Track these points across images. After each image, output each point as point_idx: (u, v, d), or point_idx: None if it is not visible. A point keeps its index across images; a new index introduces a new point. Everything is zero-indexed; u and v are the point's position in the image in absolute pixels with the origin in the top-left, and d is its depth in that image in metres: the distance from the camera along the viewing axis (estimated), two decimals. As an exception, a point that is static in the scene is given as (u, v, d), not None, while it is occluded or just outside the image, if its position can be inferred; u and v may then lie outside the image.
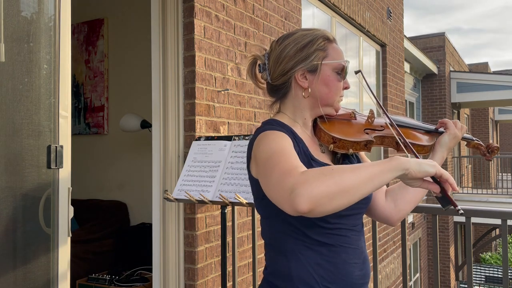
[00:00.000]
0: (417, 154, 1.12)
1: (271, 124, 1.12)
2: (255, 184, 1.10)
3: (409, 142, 1.22)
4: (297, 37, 1.14)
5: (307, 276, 1.05)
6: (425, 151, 1.26)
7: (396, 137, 1.19)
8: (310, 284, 1.04)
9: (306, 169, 0.92)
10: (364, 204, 1.15)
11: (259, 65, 1.21)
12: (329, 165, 1.13)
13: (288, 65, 1.13)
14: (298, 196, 0.84)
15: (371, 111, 1.24)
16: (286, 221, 1.06)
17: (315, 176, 0.86)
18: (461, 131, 1.28)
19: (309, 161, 1.09)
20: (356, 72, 1.25)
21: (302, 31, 1.17)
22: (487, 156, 1.37)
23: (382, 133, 1.22)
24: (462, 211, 1.00)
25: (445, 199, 0.97)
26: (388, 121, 1.20)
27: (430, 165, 0.93)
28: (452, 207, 0.98)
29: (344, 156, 1.19)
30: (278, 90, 1.18)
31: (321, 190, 0.84)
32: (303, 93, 1.14)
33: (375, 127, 1.23)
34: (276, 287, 1.09)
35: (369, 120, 1.24)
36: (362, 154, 1.30)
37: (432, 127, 1.33)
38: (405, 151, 1.17)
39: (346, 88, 1.19)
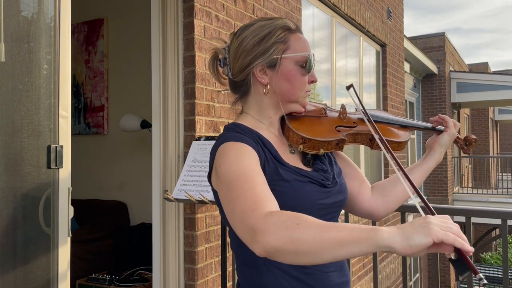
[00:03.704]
0: (393, 152, 1.06)
1: (234, 131, 1.03)
2: (217, 196, 1.01)
3: (385, 139, 1.14)
4: (255, 29, 1.05)
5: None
6: (401, 148, 1.20)
7: (374, 135, 1.11)
8: None
9: (271, 203, 0.85)
10: (338, 208, 1.08)
11: (219, 59, 1.12)
12: (299, 168, 1.04)
13: (245, 60, 1.04)
14: (256, 243, 0.79)
15: (343, 106, 1.17)
16: None
17: (275, 226, 0.77)
18: (456, 128, 1.23)
19: (276, 167, 1.00)
20: (348, 88, 1.18)
21: (261, 21, 1.07)
22: (465, 149, 1.29)
23: (354, 130, 1.15)
24: (485, 281, 0.70)
25: (461, 263, 0.70)
26: (362, 116, 1.14)
27: (424, 233, 0.70)
28: (472, 273, 0.70)
29: (314, 156, 1.10)
30: (239, 87, 1.09)
31: (277, 244, 0.76)
32: (264, 90, 1.05)
33: (347, 123, 1.16)
34: None
35: (341, 116, 1.16)
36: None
37: (428, 125, 1.27)
38: (381, 148, 1.10)
39: (313, 82, 1.09)
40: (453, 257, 0.72)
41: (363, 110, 1.14)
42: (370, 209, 1.20)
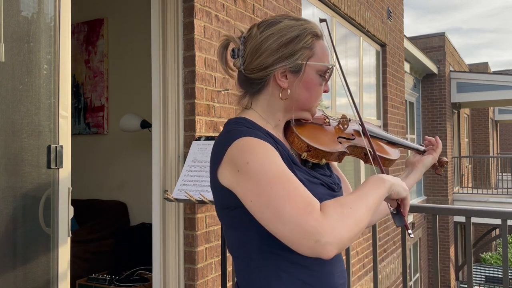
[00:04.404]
0: (383, 168, 1.08)
1: (244, 125, 0.98)
2: (225, 194, 0.95)
3: (378, 155, 1.13)
4: (283, 28, 0.99)
5: None
6: (390, 165, 1.21)
7: (367, 148, 1.12)
8: None
9: (316, 200, 0.85)
10: None
11: (232, 49, 1.04)
12: (310, 169, 1.04)
13: (268, 60, 0.98)
14: (327, 245, 0.81)
15: (344, 116, 1.15)
16: (267, 235, 0.91)
17: (338, 219, 0.82)
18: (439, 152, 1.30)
19: (291, 166, 0.96)
20: (322, 21, 1.12)
21: (288, 20, 1.01)
22: (438, 170, 1.35)
23: (353, 142, 1.14)
24: (412, 235, 1.03)
25: (400, 217, 1.00)
26: (361, 129, 1.12)
27: (405, 189, 0.98)
28: (404, 227, 1.02)
29: (314, 164, 1.08)
30: (253, 84, 1.03)
31: (347, 235, 0.82)
32: (280, 94, 1.00)
33: (347, 135, 1.14)
34: None
35: (342, 126, 1.14)
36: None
37: (421, 148, 1.31)
38: (372, 163, 1.10)
39: (326, 91, 1.06)
40: (393, 212, 1.01)
41: (361, 121, 1.12)
42: None
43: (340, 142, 1.10)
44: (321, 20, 1.12)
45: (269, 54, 0.98)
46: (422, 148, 1.29)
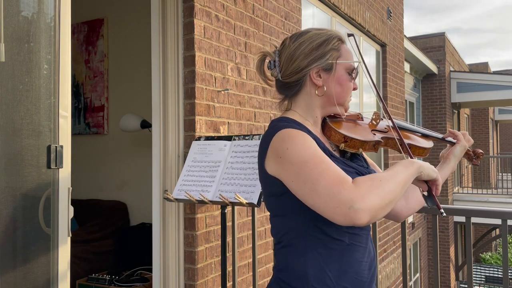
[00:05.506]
0: (416, 157, 1.19)
1: (288, 122, 1.12)
2: (272, 181, 1.09)
3: (410, 144, 1.27)
4: (312, 36, 1.16)
5: (323, 275, 1.05)
6: (425, 154, 1.32)
7: (401, 139, 1.22)
8: (326, 283, 1.04)
9: (349, 177, 0.96)
10: None
11: (269, 62, 1.21)
12: (346, 159, 1.16)
13: (303, 62, 1.14)
14: (360, 211, 0.91)
15: (376, 113, 1.28)
16: (306, 219, 1.06)
17: (369, 189, 0.93)
18: (469, 143, 1.37)
19: (329, 157, 1.08)
20: (349, 35, 1.28)
21: (315, 30, 1.18)
22: (474, 161, 1.44)
23: (387, 134, 1.26)
24: (444, 214, 1.10)
25: (431, 198, 1.09)
26: (391, 123, 1.23)
27: (435, 171, 1.08)
28: (436, 207, 1.09)
29: (352, 155, 1.22)
30: (290, 88, 1.18)
31: (377, 202, 0.92)
32: (317, 91, 1.15)
33: (381, 128, 1.27)
34: (289, 286, 1.08)
35: (374, 122, 1.27)
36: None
37: (440, 135, 1.40)
38: (409, 153, 1.21)
39: (355, 89, 1.21)
40: (425, 194, 1.09)
41: (388, 114, 1.24)
42: (394, 210, 1.29)
43: (374, 134, 1.23)
44: (349, 35, 1.29)
45: (303, 58, 1.14)
46: (454, 140, 1.39)
